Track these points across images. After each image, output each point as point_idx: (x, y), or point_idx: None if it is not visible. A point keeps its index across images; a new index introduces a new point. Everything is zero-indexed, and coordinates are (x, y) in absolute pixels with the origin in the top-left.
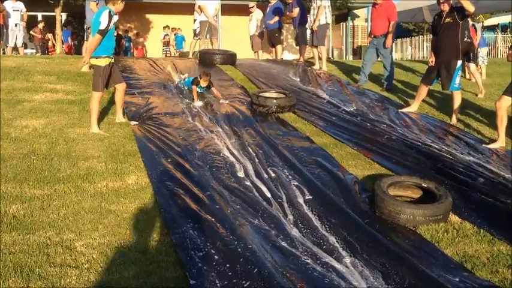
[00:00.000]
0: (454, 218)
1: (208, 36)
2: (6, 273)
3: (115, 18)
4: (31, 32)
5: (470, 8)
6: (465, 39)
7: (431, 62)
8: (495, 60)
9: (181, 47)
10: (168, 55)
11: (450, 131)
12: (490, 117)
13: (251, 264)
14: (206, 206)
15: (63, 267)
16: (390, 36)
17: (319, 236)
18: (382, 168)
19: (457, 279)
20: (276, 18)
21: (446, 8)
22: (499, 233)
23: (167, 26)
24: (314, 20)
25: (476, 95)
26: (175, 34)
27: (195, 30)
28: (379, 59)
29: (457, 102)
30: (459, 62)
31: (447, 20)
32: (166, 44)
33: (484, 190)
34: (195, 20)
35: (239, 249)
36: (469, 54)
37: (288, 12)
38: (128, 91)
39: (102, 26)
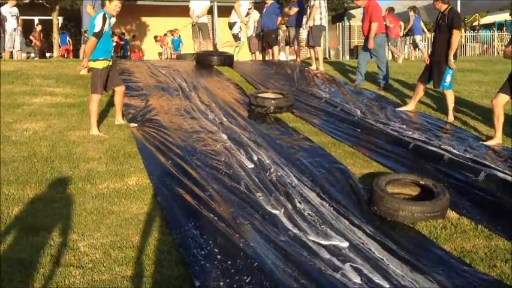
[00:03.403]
0: (452, 215)
1: (201, 37)
2: (10, 274)
3: (112, 20)
4: (31, 37)
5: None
6: None
7: (427, 60)
8: (491, 58)
9: (178, 50)
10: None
11: (447, 129)
12: (486, 114)
13: (251, 259)
14: (207, 206)
15: (66, 267)
16: (370, 38)
17: (319, 234)
18: (380, 166)
19: (457, 274)
20: (279, 19)
21: (438, 6)
22: (497, 228)
23: (157, 36)
24: (307, 19)
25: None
26: (172, 36)
27: None
28: (373, 59)
29: (450, 100)
30: None
31: (441, 21)
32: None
33: (481, 186)
34: None
35: (240, 246)
36: None
37: (286, 9)
38: (126, 93)
39: (97, 29)
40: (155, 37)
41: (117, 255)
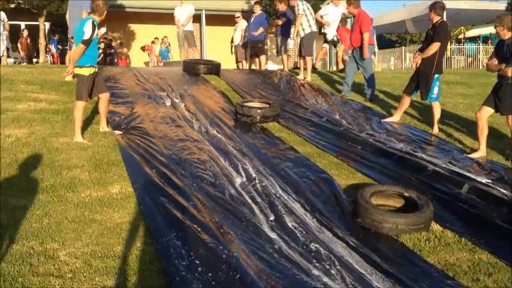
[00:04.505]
0: (436, 227)
1: (187, 45)
2: None
3: (103, 30)
4: (18, 43)
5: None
6: None
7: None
8: (476, 71)
9: (167, 58)
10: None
11: (432, 141)
12: (470, 127)
13: (234, 271)
14: (190, 215)
15: (46, 276)
16: (365, 48)
17: (303, 246)
18: (365, 177)
19: None
20: (261, 30)
21: (431, 17)
22: (480, 242)
23: (144, 46)
24: (295, 29)
25: None
26: (160, 46)
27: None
28: (360, 70)
29: (436, 112)
30: (436, 75)
31: (430, 32)
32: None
33: (465, 199)
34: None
35: (223, 257)
36: None
37: (275, 20)
38: (111, 100)
39: (86, 36)
40: (142, 47)
41: (98, 265)
